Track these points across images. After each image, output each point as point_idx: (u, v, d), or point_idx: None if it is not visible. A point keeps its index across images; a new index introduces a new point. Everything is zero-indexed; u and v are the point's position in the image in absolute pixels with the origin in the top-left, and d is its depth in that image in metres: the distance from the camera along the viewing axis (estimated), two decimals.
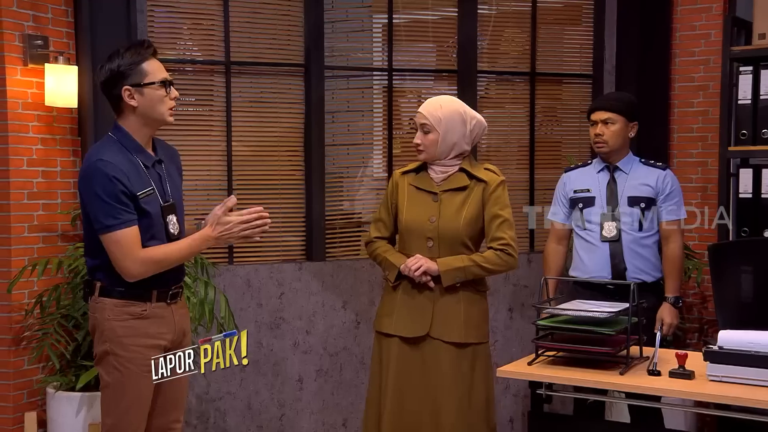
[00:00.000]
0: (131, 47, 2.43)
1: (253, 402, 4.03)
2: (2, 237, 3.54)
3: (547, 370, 2.63)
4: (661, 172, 3.28)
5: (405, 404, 2.82)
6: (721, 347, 2.44)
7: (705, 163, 4.26)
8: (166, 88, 2.44)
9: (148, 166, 2.45)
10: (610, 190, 3.27)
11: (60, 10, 3.68)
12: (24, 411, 3.54)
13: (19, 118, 3.54)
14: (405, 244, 2.90)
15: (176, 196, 2.53)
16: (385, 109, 4.26)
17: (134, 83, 2.40)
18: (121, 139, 2.44)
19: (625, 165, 3.30)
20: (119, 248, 2.35)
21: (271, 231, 4.04)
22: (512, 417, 4.33)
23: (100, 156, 2.37)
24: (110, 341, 2.43)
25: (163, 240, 2.44)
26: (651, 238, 3.26)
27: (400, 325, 2.84)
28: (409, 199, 2.88)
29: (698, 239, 4.19)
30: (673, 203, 3.25)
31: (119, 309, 2.42)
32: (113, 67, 2.40)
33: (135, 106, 2.41)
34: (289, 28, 4.08)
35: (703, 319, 4.24)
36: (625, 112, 3.27)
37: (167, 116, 2.46)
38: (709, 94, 4.21)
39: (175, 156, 2.63)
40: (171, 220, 2.47)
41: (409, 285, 2.84)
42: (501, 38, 4.45)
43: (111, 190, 2.33)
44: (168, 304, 2.49)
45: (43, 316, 3.52)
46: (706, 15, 4.25)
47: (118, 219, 2.34)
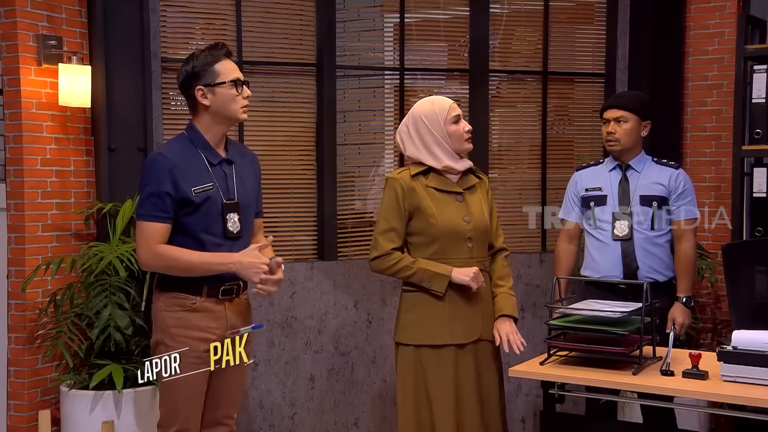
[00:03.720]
0: (205, 49, 2.55)
1: (265, 401, 4.04)
2: (16, 236, 3.57)
3: (560, 370, 2.62)
4: (674, 171, 3.26)
5: (462, 411, 2.76)
6: (735, 347, 2.43)
7: (719, 162, 4.24)
8: (237, 88, 2.54)
9: (213, 163, 2.54)
10: (622, 188, 3.26)
11: (74, 10, 3.70)
12: (38, 409, 3.56)
13: (33, 118, 3.56)
14: (441, 250, 2.75)
15: (244, 196, 2.59)
16: (396, 109, 4.26)
17: (207, 83, 2.51)
18: (191, 137, 2.56)
19: (638, 164, 3.28)
20: (140, 236, 2.49)
21: (282, 230, 4.10)
22: (524, 417, 4.32)
23: (162, 150, 2.53)
24: (161, 331, 2.54)
25: (218, 235, 2.52)
26: (663, 237, 3.25)
27: (456, 332, 2.76)
28: (435, 203, 2.76)
29: (712, 239, 4.17)
30: (685, 202, 3.24)
31: (170, 301, 2.53)
32: (188, 69, 2.53)
33: (208, 105, 2.53)
34: (301, 27, 4.08)
35: (716, 319, 4.21)
36: (638, 110, 3.26)
37: (240, 113, 2.57)
38: (723, 93, 4.19)
39: (254, 161, 2.72)
40: (232, 218, 2.54)
41: (454, 293, 2.75)
42: (513, 37, 4.44)
43: (156, 185, 2.45)
44: (220, 299, 2.54)
45: (56, 314, 3.54)
46: (720, 13, 4.23)
47: (149, 212, 2.47)
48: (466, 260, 2.77)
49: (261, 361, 4.01)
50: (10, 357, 3.59)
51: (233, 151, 2.63)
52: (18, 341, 3.57)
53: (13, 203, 3.58)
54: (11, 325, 3.59)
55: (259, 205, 2.73)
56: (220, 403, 2.62)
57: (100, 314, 3.43)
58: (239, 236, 2.56)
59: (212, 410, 2.62)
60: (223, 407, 2.63)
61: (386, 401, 4.21)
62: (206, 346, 2.38)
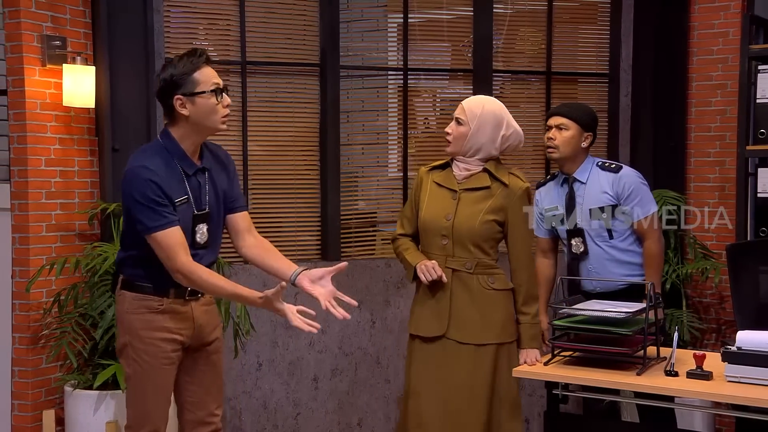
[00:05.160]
0: (184, 56, 2.45)
1: (269, 401, 4.04)
2: (21, 236, 3.58)
3: (564, 370, 2.62)
4: (615, 175, 3.17)
5: (450, 405, 2.81)
6: (740, 348, 2.42)
7: (723, 162, 4.23)
8: (217, 96, 2.44)
9: (188, 174, 2.47)
10: (570, 204, 3.21)
11: (78, 11, 3.70)
12: (42, 409, 3.56)
13: (38, 118, 3.56)
14: (423, 242, 2.91)
15: (215, 205, 2.53)
16: (400, 109, 4.26)
17: (186, 92, 2.41)
18: (167, 145, 2.46)
19: (582, 174, 3.20)
20: (161, 250, 2.40)
21: (286, 230, 4.10)
22: (527, 417, 4.31)
23: (142, 162, 2.42)
24: (128, 333, 2.49)
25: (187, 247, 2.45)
26: (625, 242, 3.19)
27: (420, 324, 2.87)
28: (430, 196, 2.88)
29: (716, 239, 4.16)
30: (636, 202, 3.15)
31: (137, 302, 2.48)
32: (166, 77, 2.43)
33: (187, 115, 2.43)
34: (305, 28, 4.09)
35: (720, 320, 4.20)
36: (580, 120, 3.19)
37: (219, 124, 2.47)
38: (727, 92, 4.18)
39: (227, 160, 2.63)
40: (200, 229, 2.49)
41: (430, 287, 2.83)
42: (516, 37, 4.43)
43: (148, 194, 2.37)
44: (186, 300, 2.51)
45: (61, 314, 3.54)
46: (725, 13, 4.22)
47: (157, 222, 2.38)
48: (441, 257, 2.82)
49: (265, 362, 4.02)
50: (14, 357, 3.59)
51: (208, 157, 2.55)
52: (22, 341, 3.57)
53: (17, 203, 3.58)
54: (15, 325, 3.59)
55: (240, 199, 2.64)
56: (198, 403, 2.59)
57: (104, 314, 3.44)
58: (206, 246, 2.52)
59: (192, 411, 2.59)
60: (203, 406, 2.60)
61: (390, 401, 4.21)
62: (174, 347, 2.39)
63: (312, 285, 2.46)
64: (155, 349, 2.46)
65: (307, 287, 2.45)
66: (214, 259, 2.61)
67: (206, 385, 2.60)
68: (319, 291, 2.45)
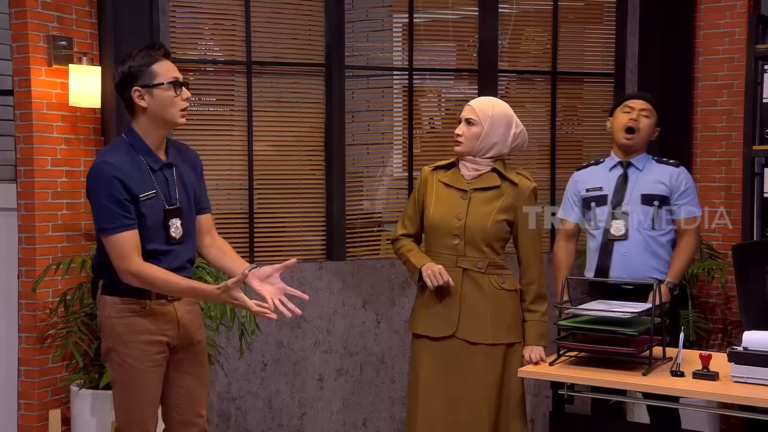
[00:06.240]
0: (142, 50, 2.45)
1: (274, 401, 4.05)
2: (27, 236, 3.59)
3: (569, 370, 2.61)
4: (675, 169, 3.22)
5: (452, 404, 2.80)
6: (746, 348, 2.42)
7: (729, 162, 4.22)
8: (175, 89, 2.44)
9: (154, 169, 2.46)
10: (621, 187, 3.23)
11: (84, 11, 3.71)
12: (48, 408, 3.57)
13: (44, 118, 3.57)
14: (430, 242, 2.88)
15: (186, 201, 2.52)
16: (405, 109, 4.26)
17: (143, 84, 2.41)
18: (131, 141, 2.46)
19: (640, 162, 3.25)
20: (114, 251, 2.38)
21: (291, 230, 4.10)
22: (532, 417, 4.31)
23: (105, 158, 2.41)
24: (111, 338, 2.48)
25: (162, 243, 2.45)
26: (665, 237, 3.21)
27: (428, 325, 2.84)
28: (437, 196, 2.86)
29: (722, 239, 4.15)
30: (686, 201, 3.19)
31: (119, 306, 2.46)
32: (124, 69, 2.43)
33: (145, 107, 2.43)
34: (310, 28, 4.09)
35: (727, 320, 4.20)
36: (657, 112, 3.27)
37: (178, 118, 2.46)
38: (734, 92, 4.17)
39: (194, 160, 2.62)
40: (174, 223, 2.47)
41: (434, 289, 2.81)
42: (522, 37, 4.43)
43: (111, 193, 2.36)
44: (169, 300, 2.50)
45: (67, 314, 3.55)
46: (731, 13, 4.21)
47: (113, 223, 2.37)
48: (451, 257, 2.80)
49: (270, 362, 4.02)
50: (20, 356, 3.60)
51: (174, 153, 2.54)
52: (28, 341, 3.59)
53: (23, 203, 3.60)
54: (22, 324, 3.61)
55: (206, 201, 2.64)
56: (184, 404, 2.58)
57: None
58: (182, 241, 2.50)
59: (179, 412, 2.58)
60: (189, 407, 2.59)
61: (395, 401, 4.21)
62: (159, 349, 2.37)
63: (261, 283, 2.45)
64: (139, 353, 2.44)
65: (255, 286, 2.45)
66: (192, 255, 2.58)
67: (193, 386, 2.59)
68: (267, 289, 2.43)
